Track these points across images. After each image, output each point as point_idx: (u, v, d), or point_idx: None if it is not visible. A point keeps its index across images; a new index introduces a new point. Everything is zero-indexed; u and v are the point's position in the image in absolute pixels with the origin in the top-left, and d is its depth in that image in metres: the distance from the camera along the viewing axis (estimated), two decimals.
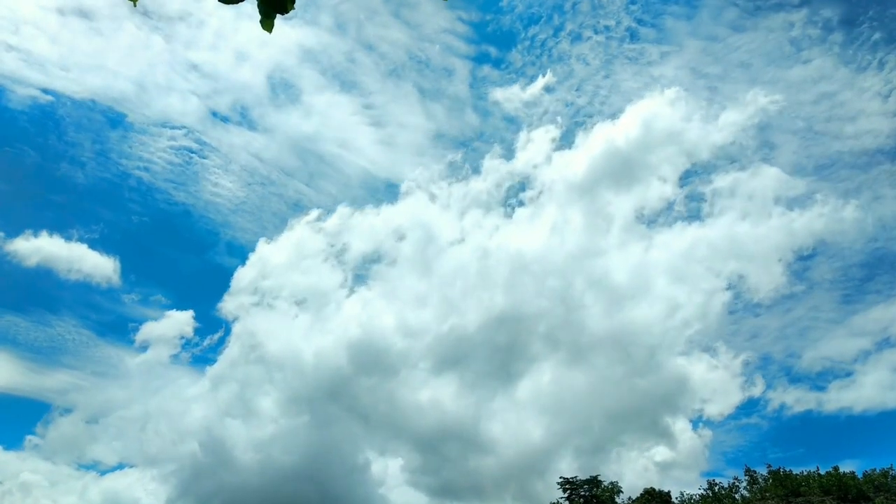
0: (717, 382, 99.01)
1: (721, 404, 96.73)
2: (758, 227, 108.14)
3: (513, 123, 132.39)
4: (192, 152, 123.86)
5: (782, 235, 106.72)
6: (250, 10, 4.63)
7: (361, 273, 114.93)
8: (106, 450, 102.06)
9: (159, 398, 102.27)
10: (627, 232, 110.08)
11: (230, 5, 4.77)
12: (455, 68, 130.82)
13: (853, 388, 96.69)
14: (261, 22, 4.49)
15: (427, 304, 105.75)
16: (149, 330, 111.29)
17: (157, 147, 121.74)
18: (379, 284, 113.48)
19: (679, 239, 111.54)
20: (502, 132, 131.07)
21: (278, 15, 4.65)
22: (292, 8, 4.47)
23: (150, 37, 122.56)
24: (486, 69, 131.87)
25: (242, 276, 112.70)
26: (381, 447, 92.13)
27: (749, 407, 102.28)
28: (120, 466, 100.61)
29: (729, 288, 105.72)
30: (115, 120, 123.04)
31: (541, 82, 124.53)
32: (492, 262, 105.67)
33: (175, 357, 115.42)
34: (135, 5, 5.25)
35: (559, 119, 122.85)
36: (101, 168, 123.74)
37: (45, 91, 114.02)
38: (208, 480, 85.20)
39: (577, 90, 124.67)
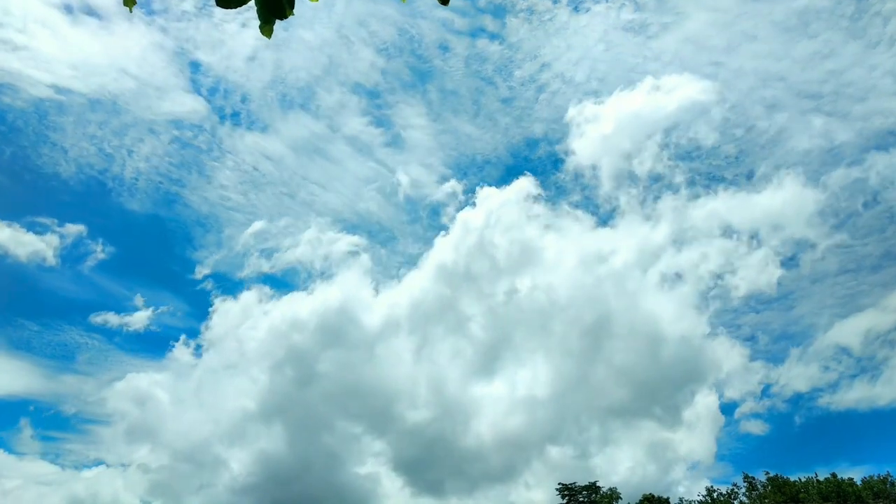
0: (723, 375, 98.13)
1: (734, 393, 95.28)
2: (762, 212, 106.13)
3: (508, 104, 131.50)
4: (200, 151, 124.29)
5: (787, 220, 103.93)
6: (254, 11, 4.59)
7: (354, 262, 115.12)
8: (81, 448, 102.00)
9: (133, 393, 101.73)
10: (630, 213, 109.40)
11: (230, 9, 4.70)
12: (450, 45, 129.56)
13: (879, 382, 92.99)
14: (260, 27, 4.46)
15: (418, 293, 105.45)
16: (130, 323, 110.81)
17: (162, 148, 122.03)
18: (371, 272, 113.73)
19: (680, 217, 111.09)
20: (498, 115, 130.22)
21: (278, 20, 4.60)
22: (291, 13, 4.42)
23: (158, 36, 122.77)
24: (483, 43, 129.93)
25: (235, 268, 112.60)
26: (363, 434, 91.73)
27: (764, 395, 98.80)
28: (93, 465, 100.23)
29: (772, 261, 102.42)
30: (121, 118, 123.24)
31: (538, 56, 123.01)
32: (498, 242, 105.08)
33: (160, 353, 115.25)
34: (130, 10, 5.16)
35: (557, 98, 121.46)
36: (103, 166, 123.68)
37: (56, 90, 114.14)
38: (188, 476, 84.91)
39: (574, 64, 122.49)
